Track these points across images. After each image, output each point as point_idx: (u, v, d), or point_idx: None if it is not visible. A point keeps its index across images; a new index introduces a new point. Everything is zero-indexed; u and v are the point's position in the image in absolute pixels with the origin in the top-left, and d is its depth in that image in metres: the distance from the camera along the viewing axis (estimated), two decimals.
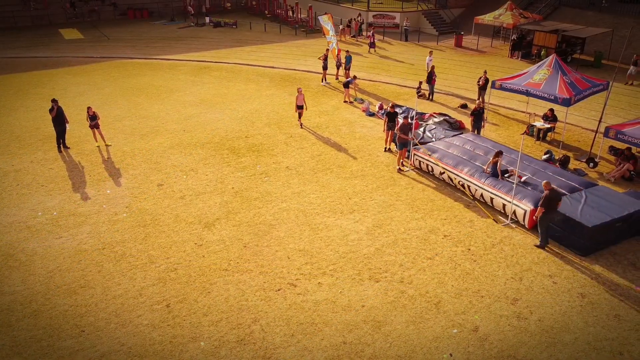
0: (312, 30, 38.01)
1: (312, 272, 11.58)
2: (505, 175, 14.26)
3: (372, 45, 32.07)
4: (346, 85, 22.79)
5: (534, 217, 12.44)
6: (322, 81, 25.55)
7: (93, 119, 17.62)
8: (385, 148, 17.88)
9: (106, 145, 18.12)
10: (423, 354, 9.40)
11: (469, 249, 12.42)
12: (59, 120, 17.42)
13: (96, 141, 18.15)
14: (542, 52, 29.10)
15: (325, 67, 25.17)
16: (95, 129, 17.82)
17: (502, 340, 9.70)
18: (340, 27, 35.08)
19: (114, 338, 9.70)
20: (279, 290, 11.04)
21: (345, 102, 21.11)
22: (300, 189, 15.27)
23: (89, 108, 17.69)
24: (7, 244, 12.54)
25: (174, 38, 35.83)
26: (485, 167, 14.59)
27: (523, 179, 13.99)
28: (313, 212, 14.02)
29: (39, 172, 16.26)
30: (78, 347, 9.50)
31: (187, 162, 16.95)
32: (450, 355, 9.37)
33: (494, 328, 9.99)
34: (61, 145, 17.83)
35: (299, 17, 40.61)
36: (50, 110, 17.16)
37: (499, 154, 14.41)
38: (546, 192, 11.99)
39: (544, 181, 12.24)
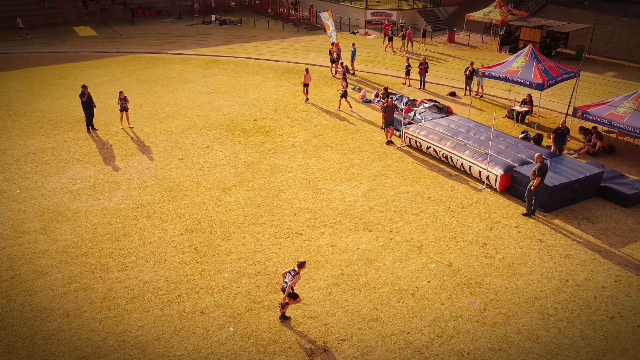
0: (314, 27, 40.13)
1: (315, 225, 13.72)
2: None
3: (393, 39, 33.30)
4: (343, 95, 22.48)
5: (531, 187, 13.75)
6: (333, 73, 27.59)
7: (124, 102, 19.77)
8: (383, 127, 19.95)
9: (130, 127, 20.25)
10: (406, 282, 11.54)
11: (449, 207, 14.56)
12: (88, 104, 19.56)
13: (121, 123, 20.29)
14: (528, 46, 31.15)
15: (333, 61, 27.26)
16: (125, 112, 19.98)
17: (471, 272, 11.84)
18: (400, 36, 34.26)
19: (154, 271, 11.84)
20: (287, 237, 13.18)
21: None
22: (304, 162, 17.40)
23: (120, 92, 19.91)
24: (55, 204, 14.68)
25: (183, 35, 37.98)
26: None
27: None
28: (316, 180, 16.15)
29: (73, 149, 18.40)
30: (125, 277, 11.63)
31: (203, 141, 19.08)
32: (429, 282, 11.50)
33: (465, 264, 12.14)
34: (90, 127, 19.97)
35: (301, 15, 42.77)
36: (81, 95, 19.30)
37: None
38: (538, 163, 13.49)
39: (537, 154, 13.88)
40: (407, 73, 25.13)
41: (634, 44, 31.05)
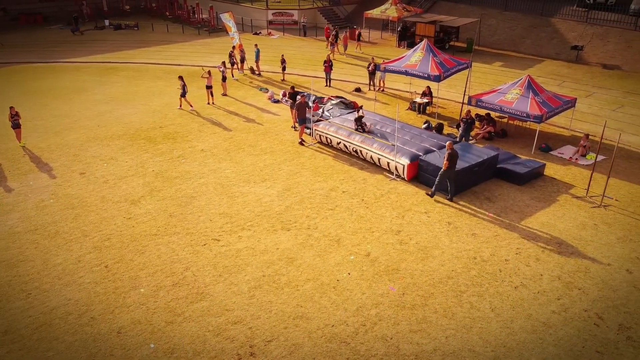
0: (215, 29, 39.40)
1: (232, 229, 13.51)
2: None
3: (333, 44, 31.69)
4: (183, 94, 22.23)
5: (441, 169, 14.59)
6: (233, 76, 27.25)
7: (16, 118, 18.13)
8: (293, 126, 20.10)
9: (21, 145, 18.64)
10: (327, 275, 11.73)
11: (363, 200, 14.98)
12: None
13: (19, 141, 18.61)
14: (424, 40, 32.82)
15: (232, 63, 27.01)
16: (17, 129, 18.33)
17: (388, 260, 12.28)
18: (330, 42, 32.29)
19: (61, 295, 11.02)
20: (204, 245, 12.85)
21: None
22: (216, 166, 17.05)
23: (11, 108, 18.27)
24: None
25: (74, 42, 35.66)
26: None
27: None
28: (229, 184, 15.89)
29: None
30: (28, 305, 10.71)
31: (106, 152, 18.05)
32: (349, 274, 11.78)
33: (382, 252, 12.57)
34: None
35: (201, 17, 41.79)
36: None
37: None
38: (449, 150, 14.28)
39: (447, 142, 14.69)
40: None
41: (516, 36, 33.80)
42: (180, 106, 22.47)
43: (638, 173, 16.75)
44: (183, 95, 22.15)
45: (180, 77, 22.06)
